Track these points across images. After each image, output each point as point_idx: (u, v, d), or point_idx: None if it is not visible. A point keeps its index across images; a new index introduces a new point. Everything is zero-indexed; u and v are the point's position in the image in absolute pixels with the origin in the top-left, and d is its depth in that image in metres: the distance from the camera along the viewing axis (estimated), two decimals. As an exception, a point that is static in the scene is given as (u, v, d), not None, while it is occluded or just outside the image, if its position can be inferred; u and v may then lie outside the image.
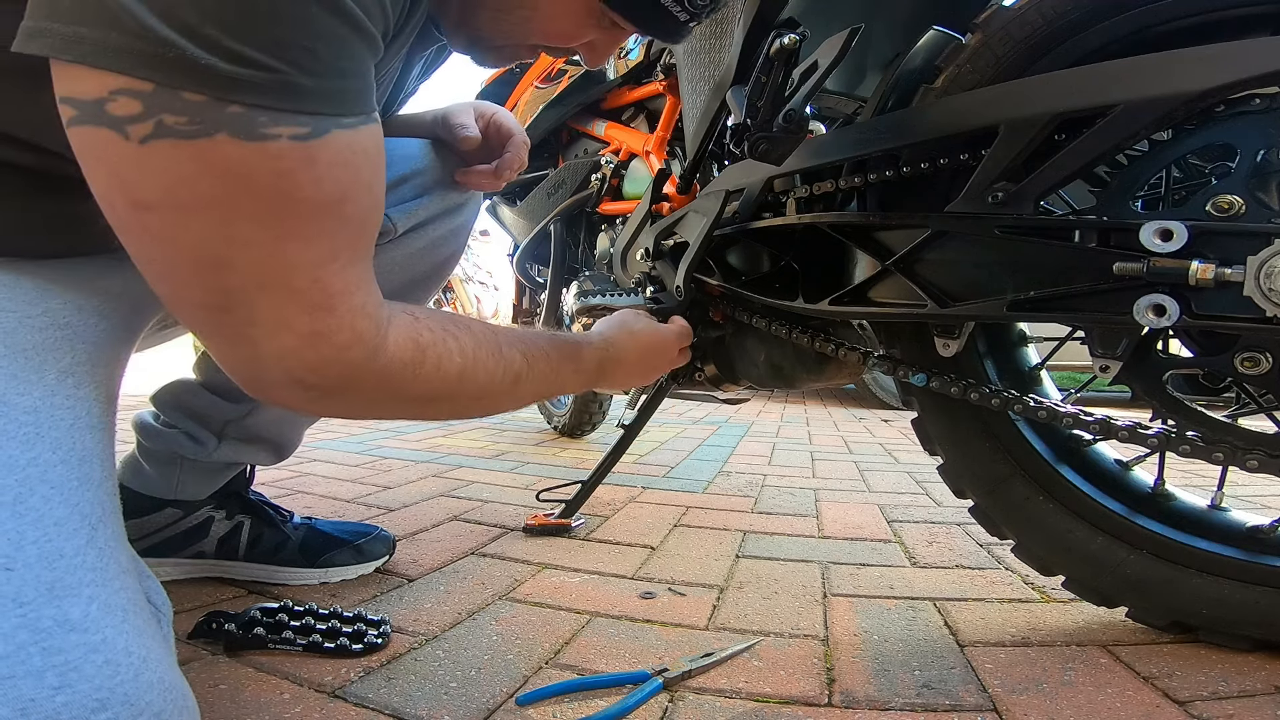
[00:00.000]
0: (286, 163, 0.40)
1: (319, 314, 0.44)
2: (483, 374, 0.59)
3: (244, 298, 0.42)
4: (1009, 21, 0.69)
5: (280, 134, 0.39)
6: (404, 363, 0.51)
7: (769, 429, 2.70)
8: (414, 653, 0.68)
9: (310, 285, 0.43)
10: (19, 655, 0.34)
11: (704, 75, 0.91)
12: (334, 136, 0.41)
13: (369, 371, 0.48)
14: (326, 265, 0.44)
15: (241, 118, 0.38)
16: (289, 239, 0.42)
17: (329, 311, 0.44)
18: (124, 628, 0.39)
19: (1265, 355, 0.59)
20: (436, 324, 0.55)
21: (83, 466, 0.43)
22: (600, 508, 1.32)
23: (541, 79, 1.63)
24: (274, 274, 0.42)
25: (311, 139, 0.40)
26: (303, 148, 0.40)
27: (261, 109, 0.38)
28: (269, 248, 0.41)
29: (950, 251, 0.71)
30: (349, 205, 0.44)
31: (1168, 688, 0.63)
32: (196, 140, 0.37)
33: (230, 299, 0.42)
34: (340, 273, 0.45)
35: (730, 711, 0.59)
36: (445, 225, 0.84)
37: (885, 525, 1.24)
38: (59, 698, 0.34)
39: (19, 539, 0.37)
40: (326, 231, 0.43)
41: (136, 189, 0.39)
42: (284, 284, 0.42)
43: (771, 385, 1.09)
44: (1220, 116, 0.60)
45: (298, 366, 0.45)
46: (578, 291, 1.37)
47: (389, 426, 2.42)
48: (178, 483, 0.84)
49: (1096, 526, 0.74)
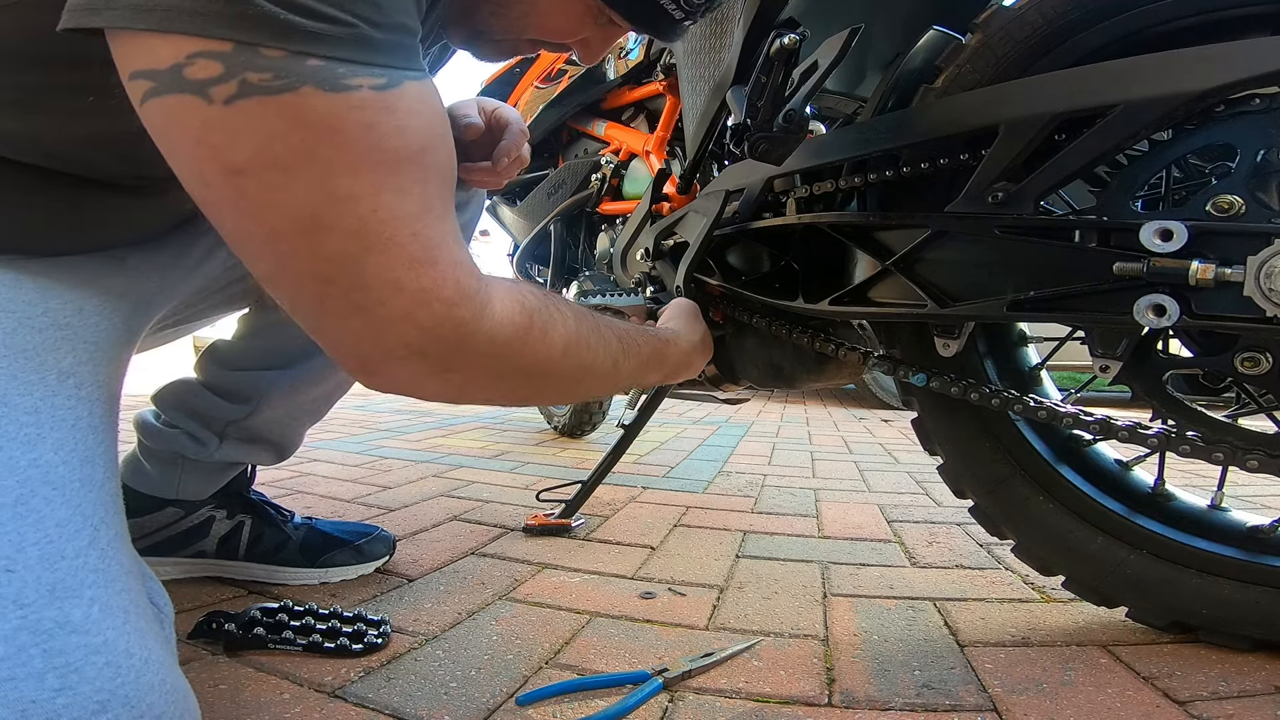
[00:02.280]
0: (370, 112, 0.40)
1: (423, 269, 0.43)
2: (586, 351, 0.57)
3: (349, 262, 0.41)
4: (1009, 21, 0.69)
5: (361, 84, 0.39)
6: (514, 325, 0.49)
7: (769, 429, 2.70)
8: (414, 653, 0.68)
9: (411, 239, 0.42)
10: (20, 657, 0.34)
11: (704, 75, 0.91)
12: (407, 87, 0.42)
13: (479, 334, 0.47)
14: (422, 217, 0.43)
15: (323, 70, 0.38)
16: (384, 190, 0.41)
17: (432, 264, 0.43)
18: (125, 629, 0.39)
19: (1265, 355, 0.59)
20: (538, 292, 0.54)
21: (85, 468, 0.43)
22: (600, 508, 1.32)
23: (541, 79, 1.63)
24: (376, 230, 0.41)
25: (389, 89, 0.40)
26: (382, 97, 0.40)
27: (339, 61, 0.38)
28: (368, 202, 0.40)
29: (950, 251, 0.71)
30: (430, 155, 0.44)
31: (1168, 688, 0.63)
32: (283, 95, 0.37)
33: (335, 266, 0.41)
34: (435, 225, 0.44)
35: (730, 711, 0.59)
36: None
37: (885, 525, 1.24)
38: (60, 699, 0.34)
39: (20, 541, 0.38)
40: (417, 181, 0.43)
41: (228, 152, 0.38)
42: (387, 240, 0.41)
43: (771, 385, 1.09)
44: (1220, 116, 0.60)
45: (412, 331, 0.44)
46: (578, 291, 1.38)
47: (389, 426, 2.42)
48: (179, 482, 0.84)
49: (1096, 526, 0.74)
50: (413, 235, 0.42)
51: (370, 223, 0.41)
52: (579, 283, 1.40)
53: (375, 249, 0.41)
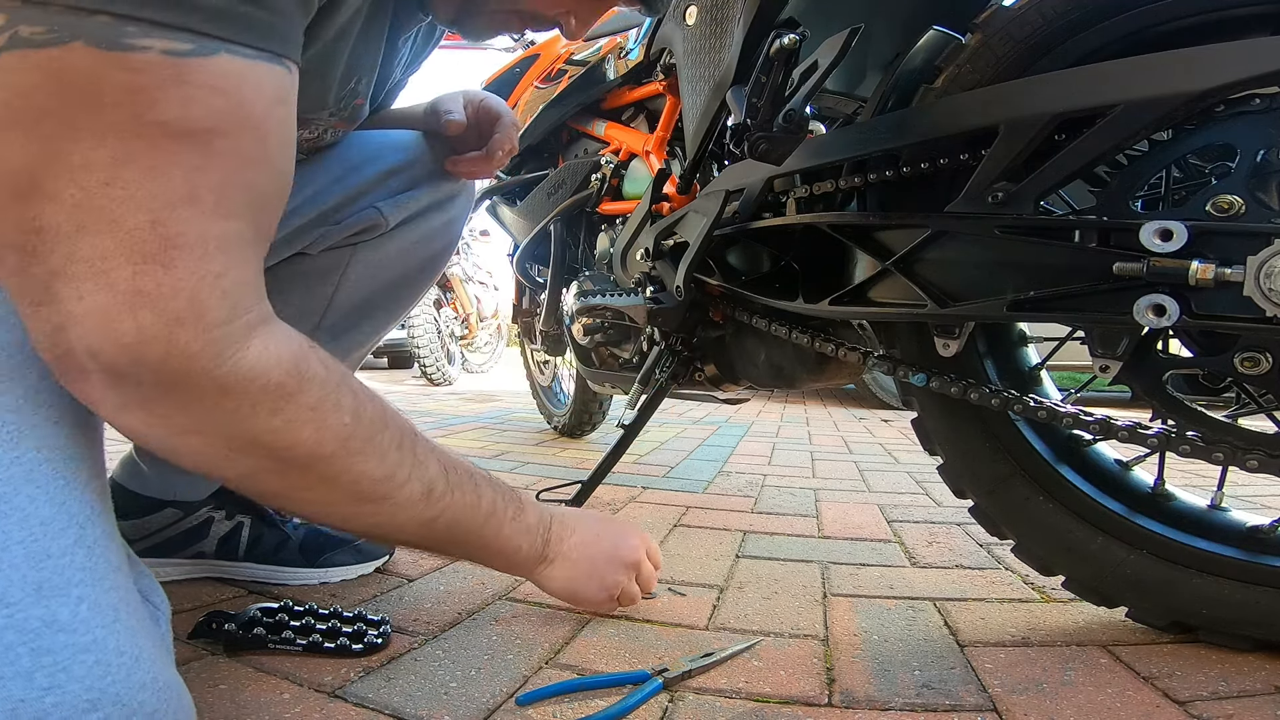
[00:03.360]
0: (147, 77, 0.35)
1: (148, 267, 0.37)
2: (378, 464, 0.49)
3: (59, 237, 0.35)
4: (1009, 21, 0.69)
5: (150, 46, 0.35)
6: (268, 382, 0.41)
7: (769, 429, 2.70)
8: (414, 653, 0.68)
9: (145, 227, 0.36)
10: (7, 656, 0.34)
11: (704, 75, 0.91)
12: (220, 60, 0.37)
13: (209, 373, 0.39)
14: (175, 207, 0.37)
15: (106, 27, 0.34)
16: (128, 163, 0.35)
17: (164, 266, 0.37)
18: (115, 627, 0.38)
19: (1265, 355, 0.59)
20: (337, 370, 0.47)
21: (69, 465, 0.42)
22: (600, 508, 1.32)
23: (541, 79, 1.63)
24: (101, 207, 0.35)
25: (190, 56, 0.36)
26: (174, 64, 0.35)
27: (133, 20, 0.34)
28: (102, 173, 0.35)
29: (950, 251, 0.71)
30: (222, 141, 0.38)
31: (1168, 688, 0.63)
32: (47, 49, 0.33)
33: (43, 239, 0.36)
34: (194, 222, 0.37)
35: (730, 711, 0.59)
36: (438, 218, 0.83)
37: (885, 525, 1.24)
38: (49, 698, 0.34)
39: (4, 540, 0.37)
40: (183, 164, 0.37)
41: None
42: (111, 221, 0.36)
43: (771, 385, 1.09)
44: (1220, 116, 0.60)
45: (106, 340, 0.37)
46: (578, 291, 1.37)
47: (389, 426, 2.42)
48: (177, 482, 0.84)
49: (1096, 526, 0.74)
50: (150, 223, 0.36)
51: (96, 197, 0.35)
52: (579, 283, 1.40)
53: (90, 229, 0.35)
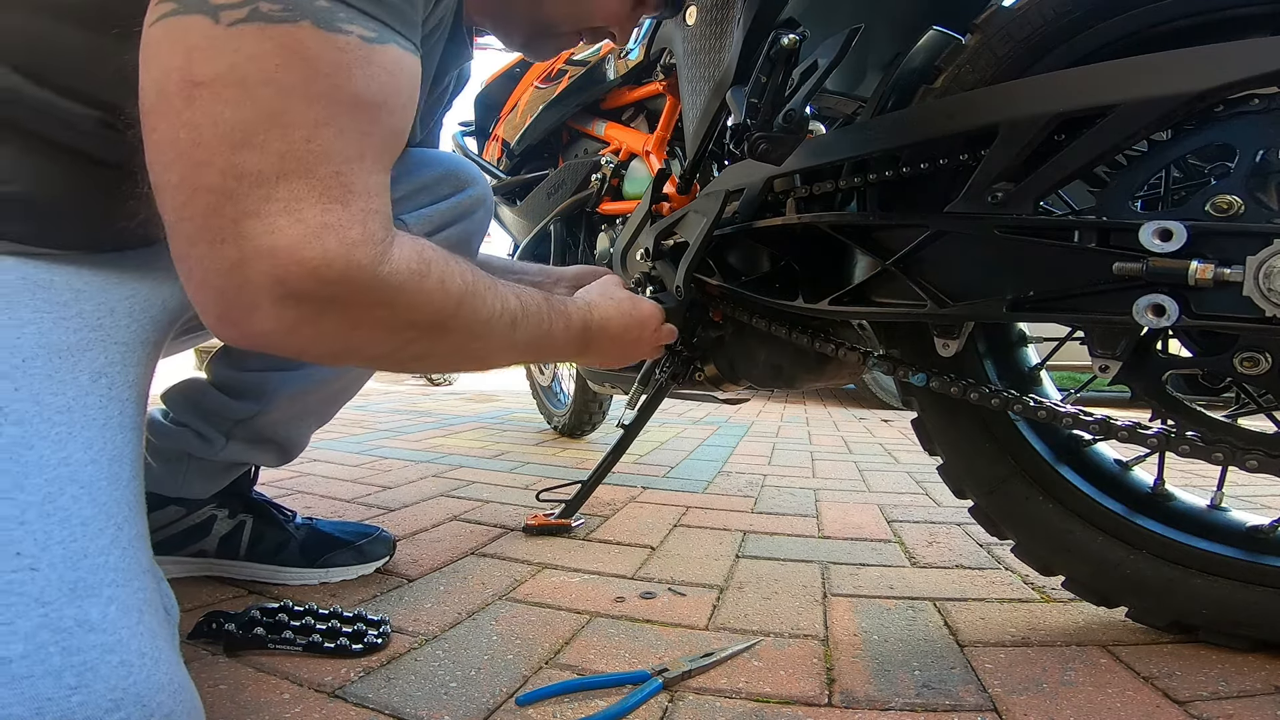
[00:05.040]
0: (348, 56, 0.42)
1: (332, 206, 0.43)
2: (483, 307, 0.56)
3: (259, 181, 0.41)
4: (1009, 21, 0.69)
5: (352, 30, 0.43)
6: (410, 271, 0.48)
7: (769, 429, 2.70)
8: (414, 653, 0.68)
9: (332, 176, 0.43)
10: (39, 655, 0.35)
11: (704, 75, 0.91)
12: (390, 48, 0.45)
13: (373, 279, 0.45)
14: (352, 162, 0.44)
15: (327, 11, 0.41)
16: (327, 124, 0.42)
17: (343, 205, 0.43)
18: (139, 629, 0.40)
19: (1265, 355, 0.59)
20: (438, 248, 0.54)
21: (113, 466, 0.44)
22: (600, 508, 1.32)
23: (541, 79, 1.63)
24: (301, 158, 0.42)
25: (374, 43, 0.44)
26: (365, 47, 0.43)
27: (344, 5, 0.42)
28: (304, 130, 0.42)
29: (950, 251, 0.71)
30: (385, 112, 0.46)
31: (1168, 688, 0.63)
32: (283, 24, 0.40)
33: (242, 183, 0.40)
34: (363, 174, 0.45)
35: (730, 711, 0.59)
36: (457, 233, 0.85)
37: (885, 525, 1.24)
38: (75, 697, 0.35)
39: (46, 539, 0.39)
40: (361, 128, 0.44)
41: (200, 66, 0.39)
42: (307, 170, 0.42)
43: (771, 385, 1.09)
44: (1220, 116, 0.60)
45: (293, 266, 0.42)
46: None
47: (389, 426, 2.42)
48: (183, 480, 0.85)
49: (1096, 526, 0.74)
50: (335, 174, 0.43)
51: (298, 148, 0.41)
52: (579, 283, 1.40)
53: (290, 175, 0.41)
